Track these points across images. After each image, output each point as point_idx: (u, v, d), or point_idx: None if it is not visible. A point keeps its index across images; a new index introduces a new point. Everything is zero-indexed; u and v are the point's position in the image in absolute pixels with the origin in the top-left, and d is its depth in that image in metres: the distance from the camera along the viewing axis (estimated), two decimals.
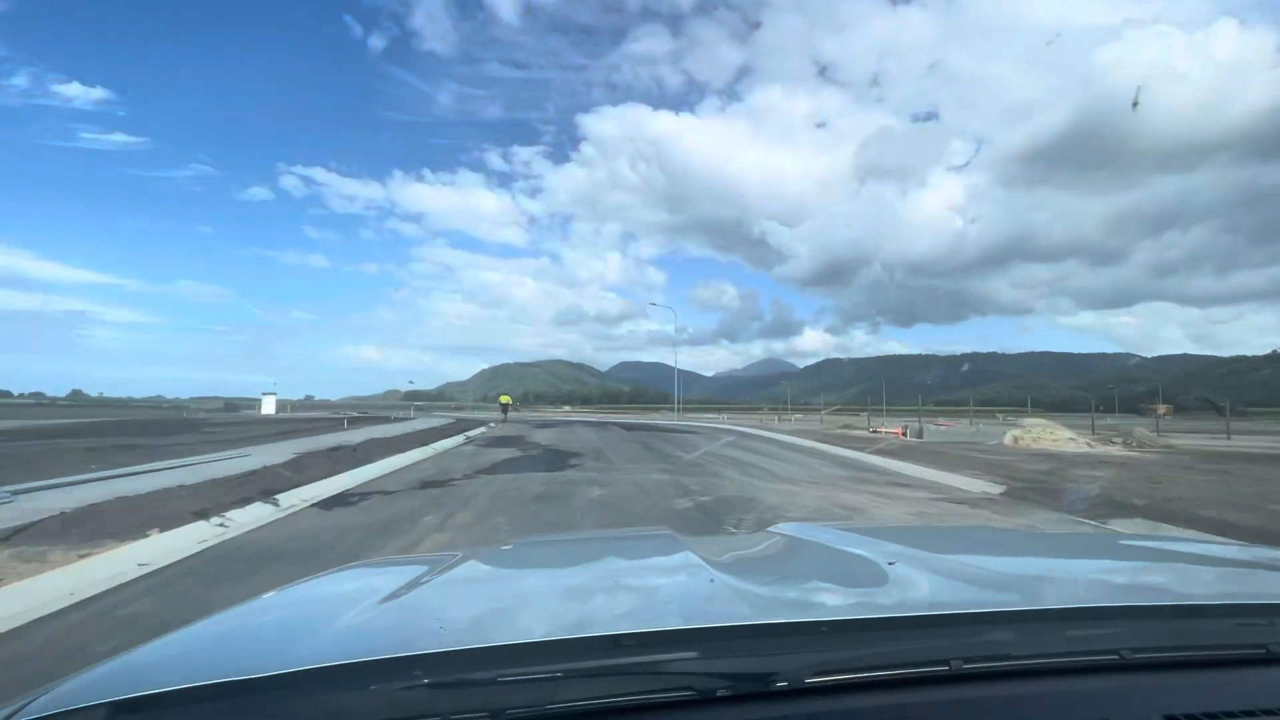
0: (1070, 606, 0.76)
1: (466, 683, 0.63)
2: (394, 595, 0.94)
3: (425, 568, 1.11)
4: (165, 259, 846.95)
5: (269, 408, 49.58)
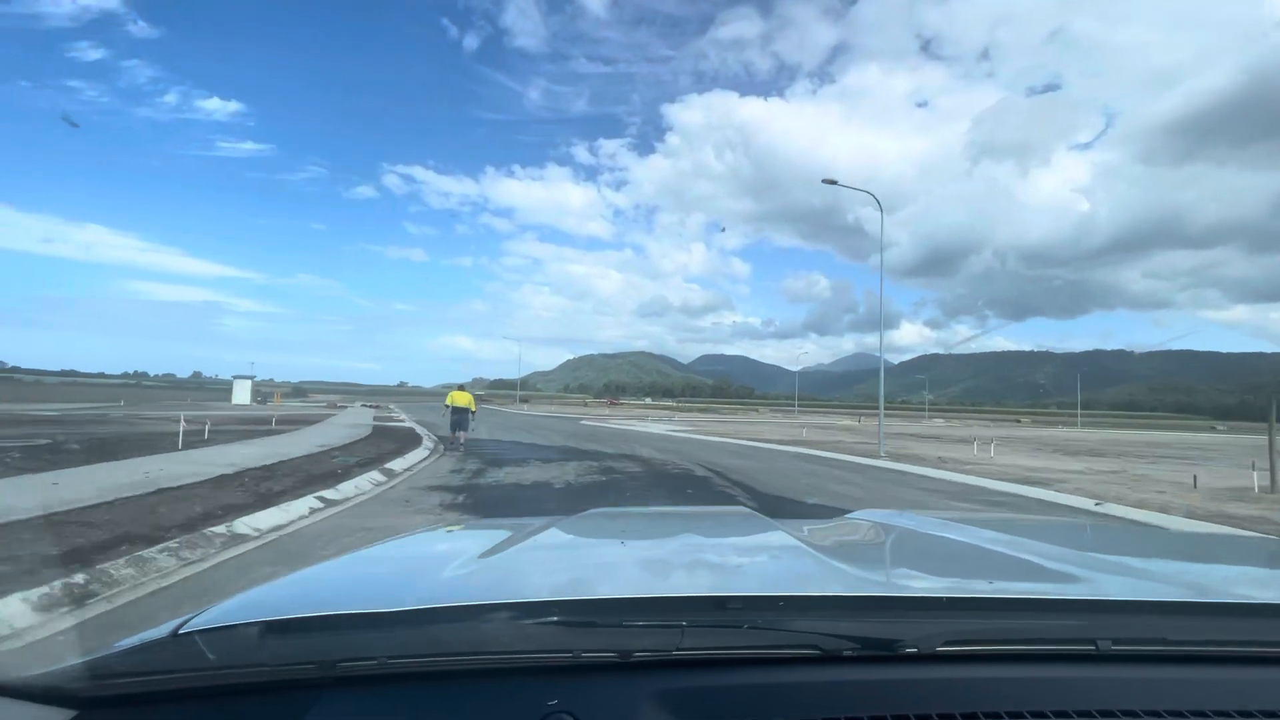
0: (1234, 601, 0.80)
1: (595, 624, 0.69)
2: (493, 550, 1.03)
3: (510, 532, 1.19)
4: (285, 254, 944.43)
5: (241, 396, 42.97)
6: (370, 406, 47.83)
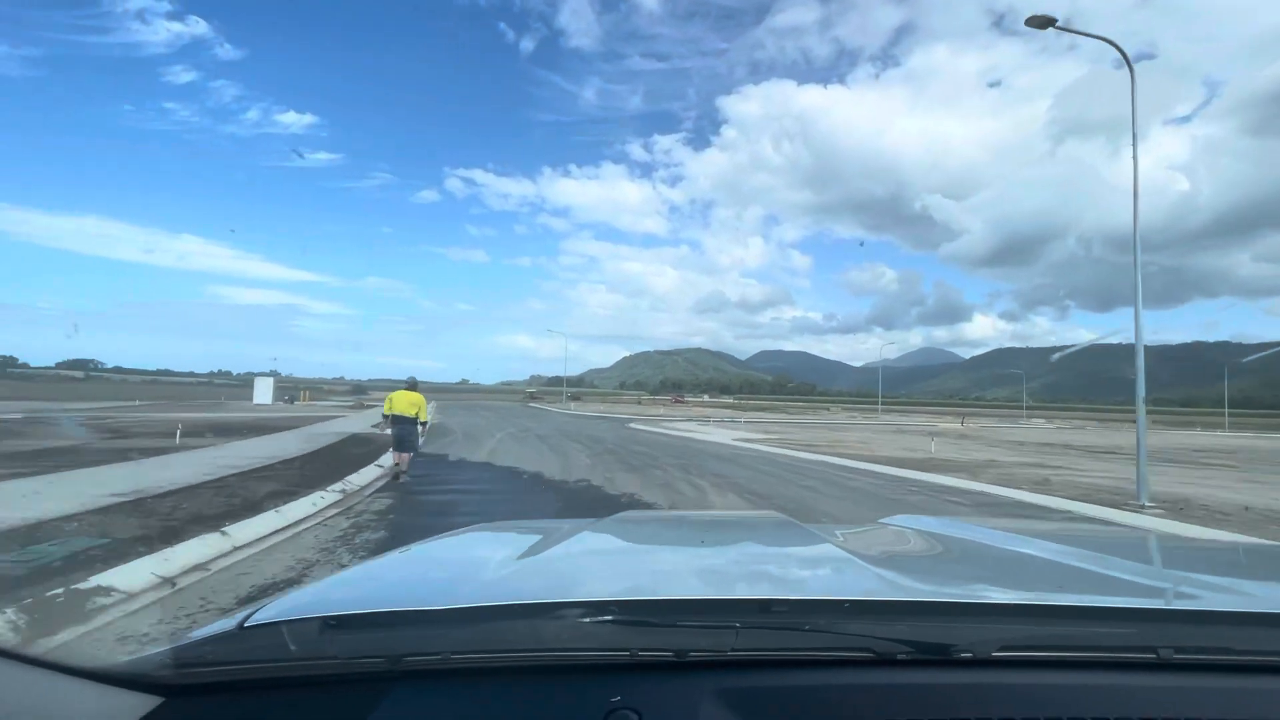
0: None
1: (651, 624, 0.70)
2: (532, 551, 1.06)
3: (543, 535, 1.19)
4: (356, 258, 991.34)
5: (262, 395, 39.64)
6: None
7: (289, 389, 49.43)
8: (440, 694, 0.68)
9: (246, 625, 0.73)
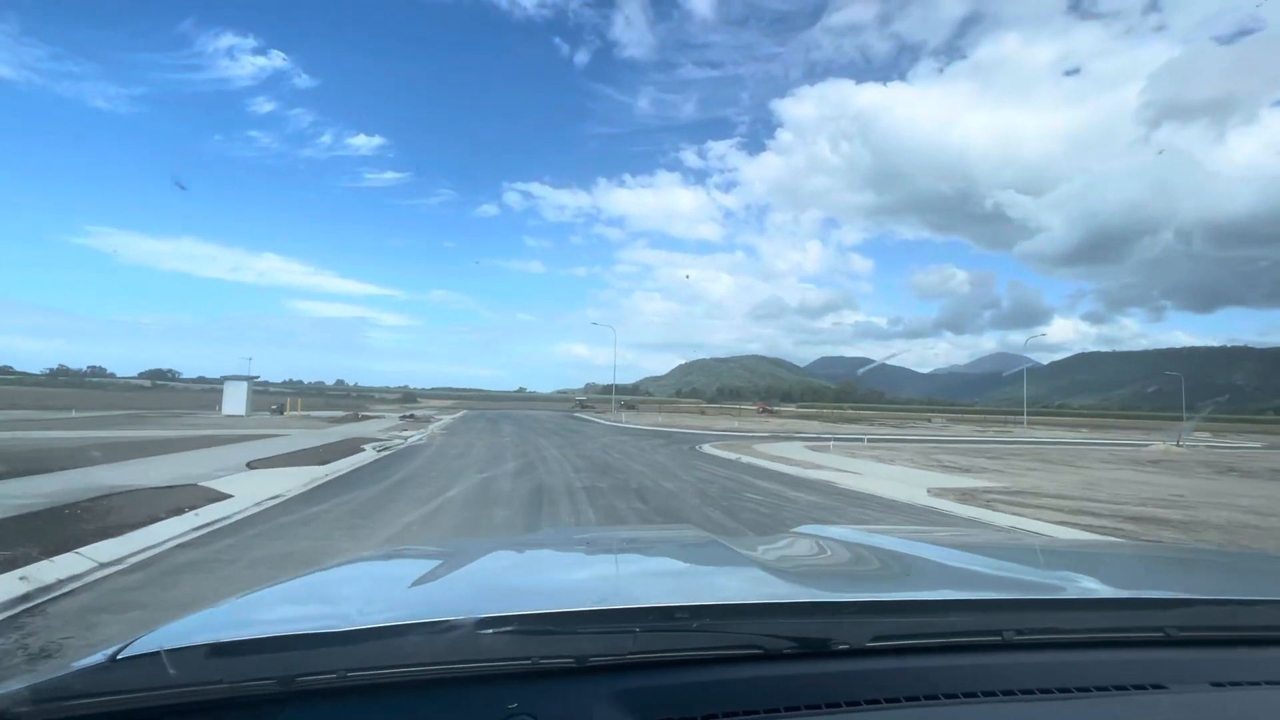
0: (1115, 596, 0.97)
1: (552, 633, 0.73)
2: (446, 569, 1.09)
3: (461, 552, 1.24)
4: (421, 272, 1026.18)
5: (234, 403, 31.21)
6: (409, 417, 35.48)
7: (277, 397, 41.54)
8: (335, 712, 0.68)
9: (120, 658, 0.68)
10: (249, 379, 34.21)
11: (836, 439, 26.76)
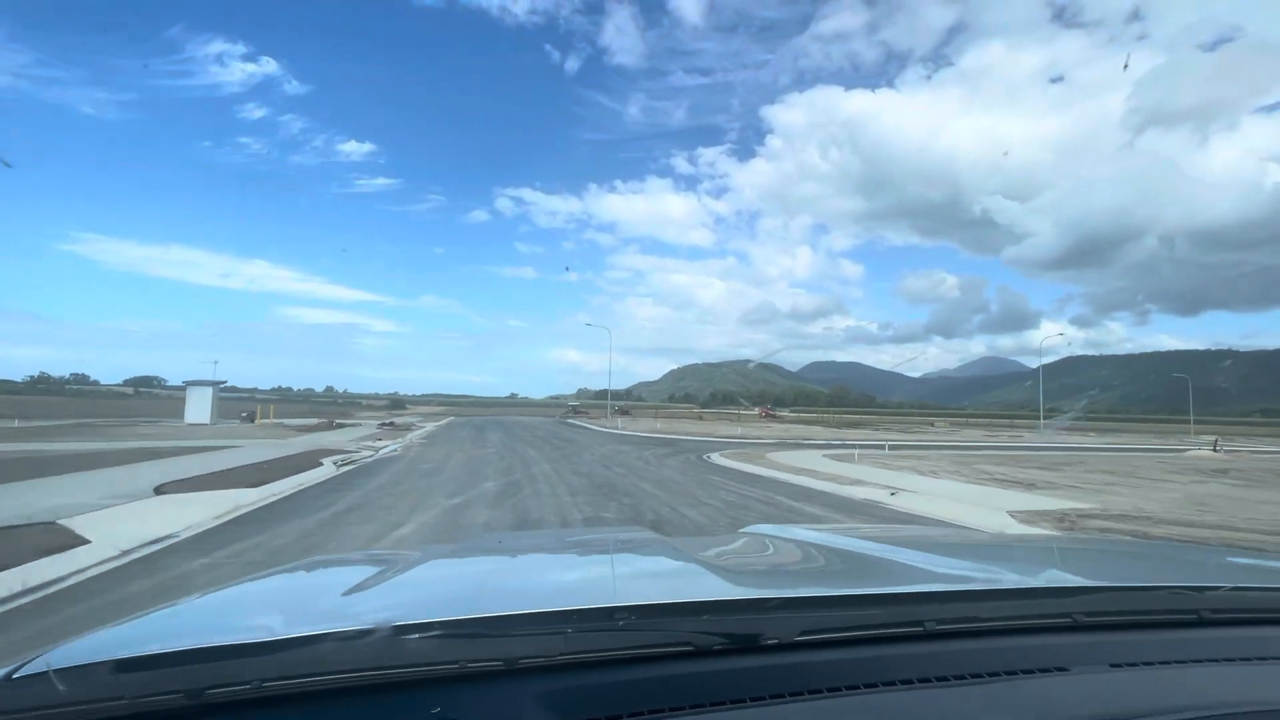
0: (1026, 586, 1.02)
1: (481, 635, 0.73)
2: (377, 578, 1.06)
3: (385, 565, 1.19)
4: (411, 278, 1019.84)
5: (198, 411, 28.87)
6: (388, 425, 32.73)
7: (248, 403, 38.24)
8: None
9: (16, 676, 0.65)
10: (215, 384, 30.92)
11: (854, 446, 24.48)
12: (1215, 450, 28.20)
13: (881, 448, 22.63)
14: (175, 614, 0.95)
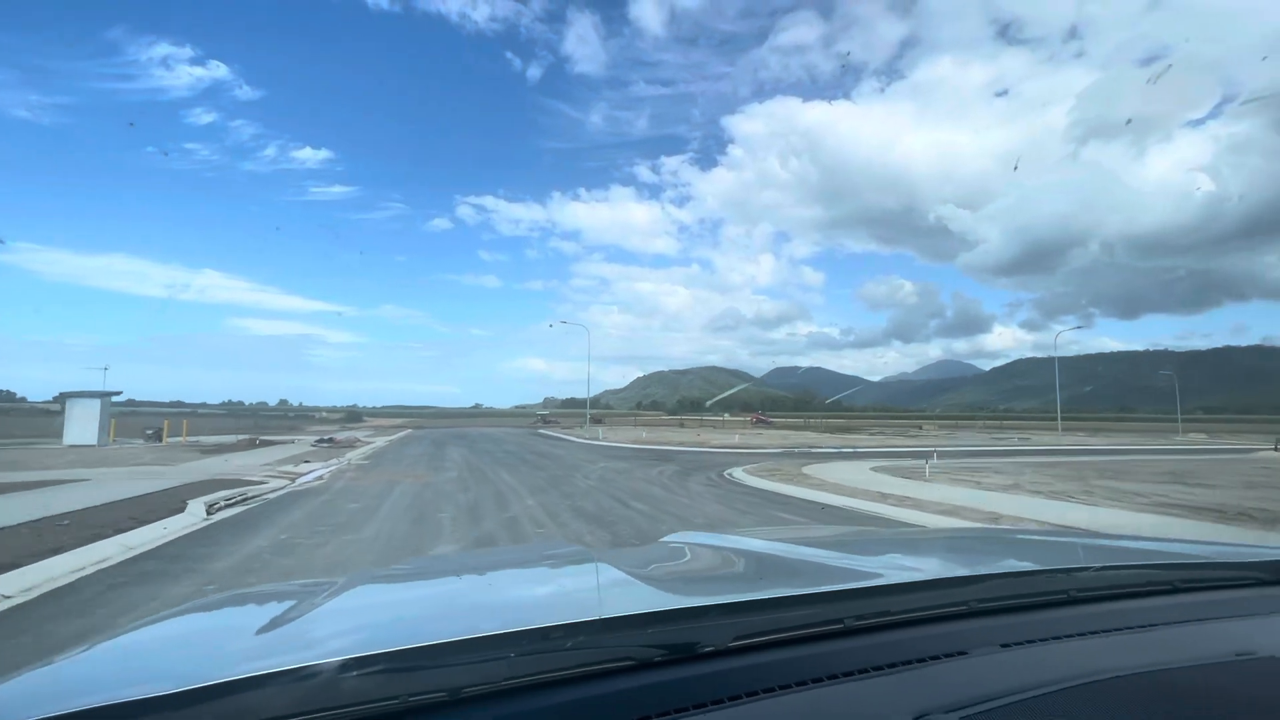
0: (930, 578, 1.07)
1: (422, 668, 0.69)
2: (291, 615, 0.96)
3: (305, 596, 1.09)
4: (372, 287, 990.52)
5: (82, 429, 23.59)
6: (326, 442, 27.51)
7: (154, 419, 31.80)
8: None
9: None
10: (104, 395, 24.96)
11: (889, 455, 20.63)
12: (1276, 450, 25.50)
13: (928, 457, 18.82)
14: (58, 673, 0.82)
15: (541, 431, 52.17)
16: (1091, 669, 0.80)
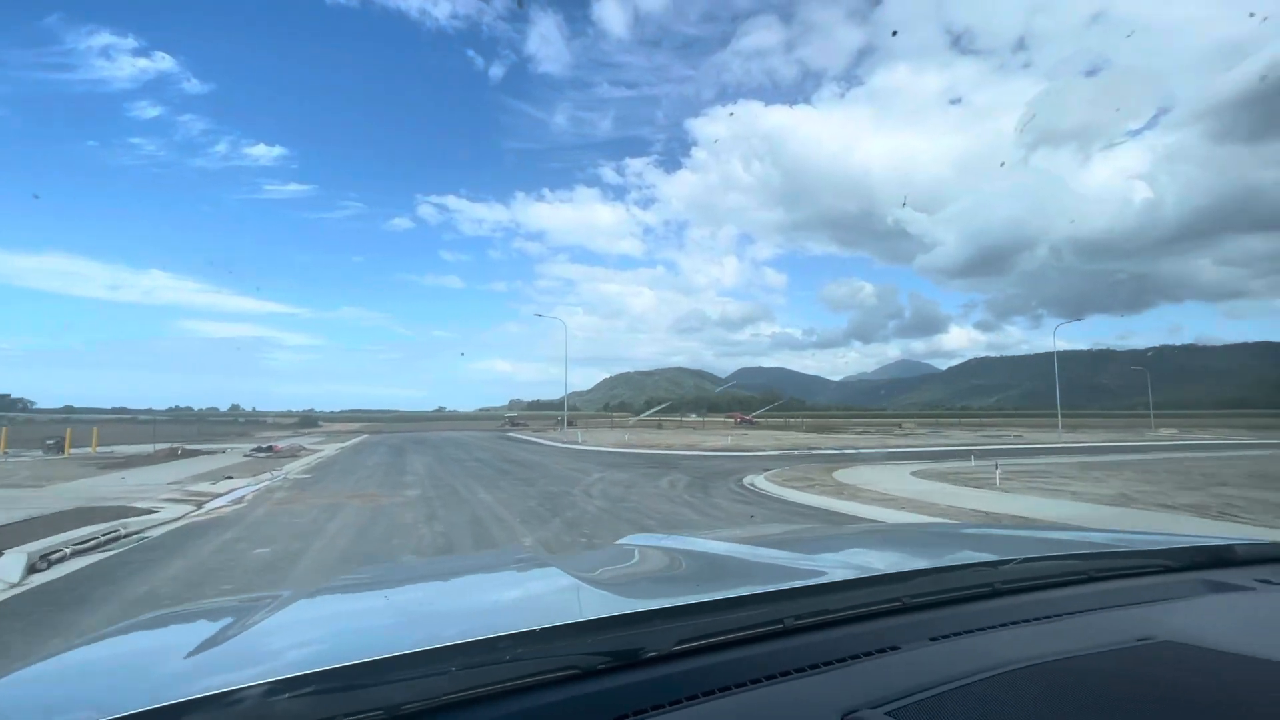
0: (864, 575, 1.07)
1: (359, 686, 0.67)
2: (224, 636, 0.92)
3: (243, 613, 1.06)
4: (329, 288, 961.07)
5: None
6: (264, 452, 23.89)
7: (56, 427, 27.32)
8: None
9: None
10: None
11: (921, 458, 18.39)
12: None
13: (963, 458, 16.63)
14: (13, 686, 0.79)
15: (511, 435, 48.89)
16: (1011, 658, 0.82)
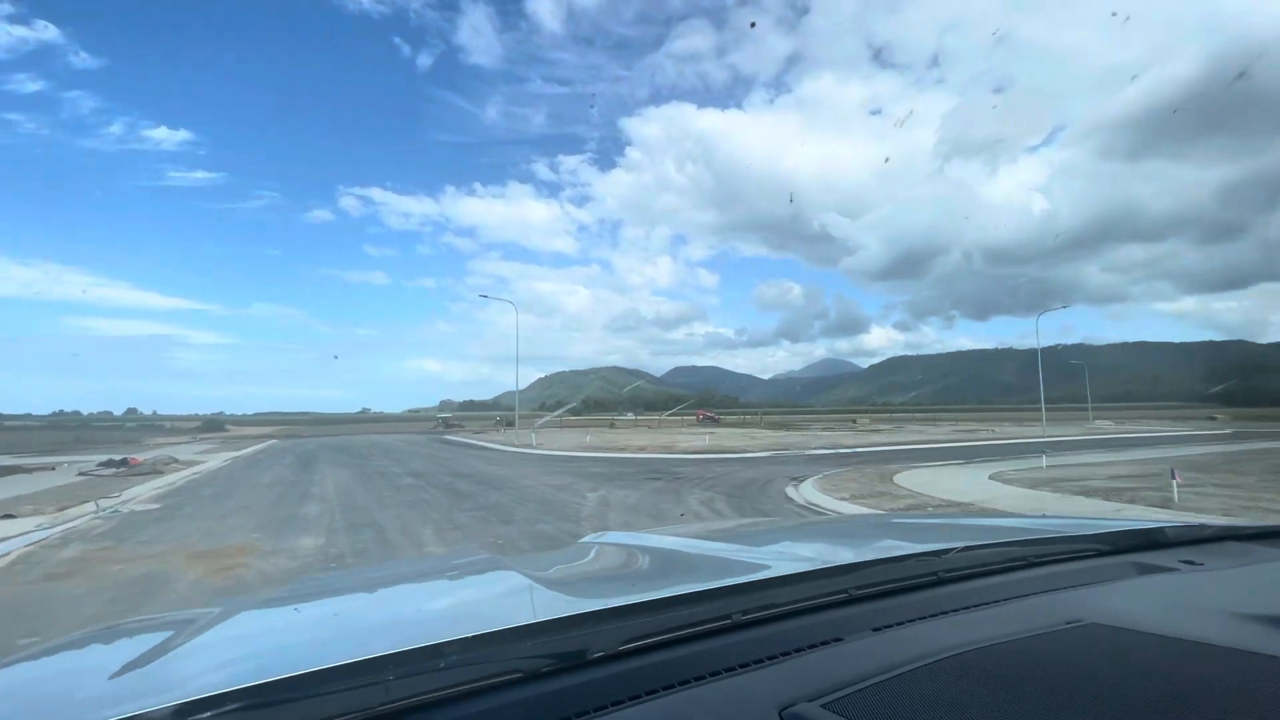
0: (810, 569, 1.08)
1: (290, 700, 0.65)
2: (154, 654, 0.88)
3: (179, 627, 1.03)
4: (241, 283, 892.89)
5: None
6: (117, 465, 18.77)
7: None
8: None
9: None
10: None
11: (979, 458, 15.80)
12: None
13: (1014, 457, 14.19)
14: None
15: (448, 438, 43.72)
16: (950, 645, 0.82)
